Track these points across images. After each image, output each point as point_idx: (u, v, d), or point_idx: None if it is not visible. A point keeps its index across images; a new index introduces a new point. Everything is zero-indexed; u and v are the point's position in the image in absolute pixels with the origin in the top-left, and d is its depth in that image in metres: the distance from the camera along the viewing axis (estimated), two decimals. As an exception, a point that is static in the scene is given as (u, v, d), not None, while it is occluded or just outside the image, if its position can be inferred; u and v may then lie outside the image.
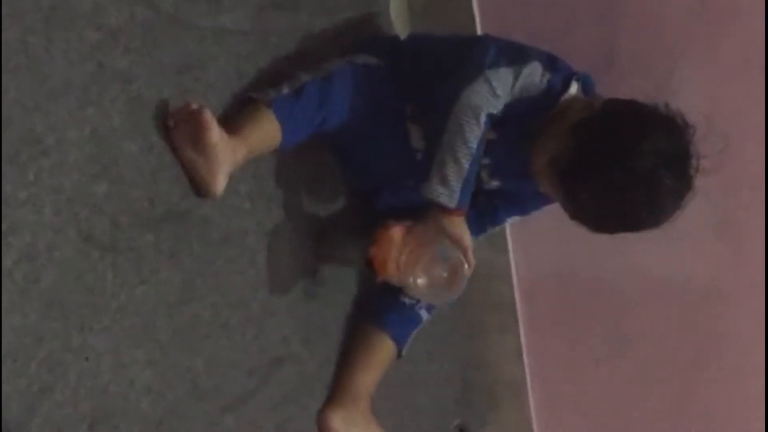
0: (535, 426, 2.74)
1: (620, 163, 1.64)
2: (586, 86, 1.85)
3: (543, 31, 1.86)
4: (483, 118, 1.73)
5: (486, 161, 1.87)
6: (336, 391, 1.94)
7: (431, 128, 1.80)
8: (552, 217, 1.99)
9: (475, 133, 1.73)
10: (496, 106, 1.76)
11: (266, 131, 1.64)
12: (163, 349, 1.46)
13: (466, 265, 1.80)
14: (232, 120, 1.60)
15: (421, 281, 1.80)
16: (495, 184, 1.95)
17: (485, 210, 2.05)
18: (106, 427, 1.34)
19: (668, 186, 1.65)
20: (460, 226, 1.80)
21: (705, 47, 2.12)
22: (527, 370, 2.69)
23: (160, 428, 1.45)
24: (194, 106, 1.49)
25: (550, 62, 1.82)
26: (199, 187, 1.52)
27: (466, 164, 1.74)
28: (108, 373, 1.35)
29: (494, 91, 1.74)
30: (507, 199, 2.04)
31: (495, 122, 1.78)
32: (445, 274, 1.81)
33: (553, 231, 2.36)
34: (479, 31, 2.32)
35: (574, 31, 2.18)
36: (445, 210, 1.77)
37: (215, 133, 1.47)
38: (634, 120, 1.69)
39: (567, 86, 1.80)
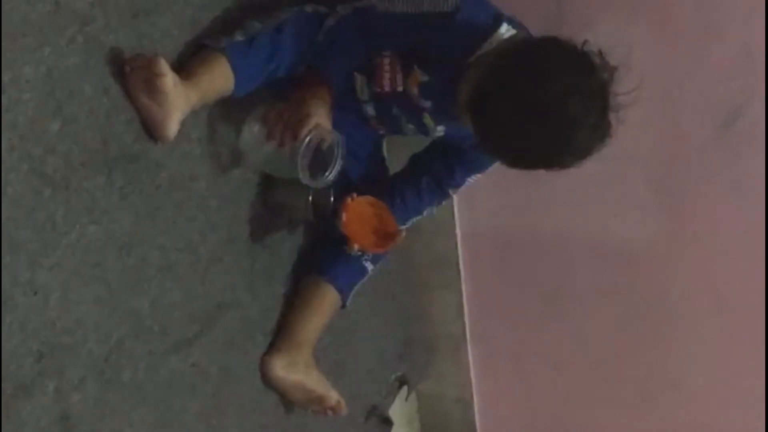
0: (473, 380, 2.79)
1: (528, 89, 1.62)
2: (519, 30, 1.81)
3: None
4: None
5: (427, 104, 1.88)
6: (279, 338, 1.97)
7: None
8: (496, 174, 2.02)
9: None
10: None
11: (219, 77, 1.65)
12: (110, 288, 1.48)
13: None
14: (186, 66, 1.62)
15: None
16: (441, 128, 1.96)
17: (442, 173, 2.07)
18: (52, 361, 1.36)
19: (576, 116, 1.61)
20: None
21: (654, 9, 2.14)
22: (467, 325, 2.72)
23: (105, 366, 1.48)
24: (149, 54, 1.50)
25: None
26: (152, 131, 1.54)
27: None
28: (56, 309, 1.37)
29: None
30: (461, 158, 2.04)
31: (425, 65, 1.81)
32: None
33: (498, 189, 2.39)
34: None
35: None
36: None
37: (169, 80, 1.49)
38: (549, 51, 1.67)
39: (497, 25, 1.75)
